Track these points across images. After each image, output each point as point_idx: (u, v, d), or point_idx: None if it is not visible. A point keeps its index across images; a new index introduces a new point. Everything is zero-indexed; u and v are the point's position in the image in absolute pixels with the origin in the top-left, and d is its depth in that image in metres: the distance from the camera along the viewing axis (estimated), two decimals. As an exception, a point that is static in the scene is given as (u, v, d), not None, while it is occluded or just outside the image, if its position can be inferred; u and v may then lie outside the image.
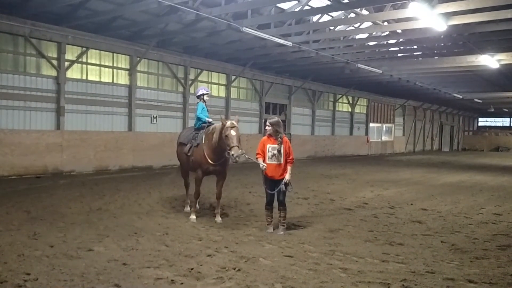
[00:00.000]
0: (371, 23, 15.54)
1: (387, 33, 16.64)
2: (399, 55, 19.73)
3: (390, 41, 17.67)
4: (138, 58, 16.21)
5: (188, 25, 15.32)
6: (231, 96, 20.65)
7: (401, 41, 17.43)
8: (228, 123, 6.98)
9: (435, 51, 18.82)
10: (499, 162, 28.18)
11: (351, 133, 30.52)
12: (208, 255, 5.41)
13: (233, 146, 6.78)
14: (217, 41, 16.72)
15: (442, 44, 17.10)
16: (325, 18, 15.76)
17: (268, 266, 5.07)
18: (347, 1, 13.38)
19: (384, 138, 34.85)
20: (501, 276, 4.90)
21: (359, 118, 31.53)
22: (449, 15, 12.28)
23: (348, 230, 7.13)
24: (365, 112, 32.35)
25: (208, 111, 8.28)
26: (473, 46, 16.50)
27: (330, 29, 16.30)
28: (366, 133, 32.09)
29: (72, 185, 11.43)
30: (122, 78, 16.11)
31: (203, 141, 7.52)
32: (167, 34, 15.84)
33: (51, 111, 13.96)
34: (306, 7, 14.52)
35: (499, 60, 18.16)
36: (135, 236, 6.26)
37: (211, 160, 7.36)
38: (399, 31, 15.74)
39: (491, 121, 56.63)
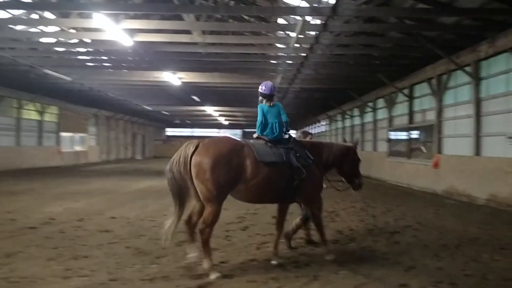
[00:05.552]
0: (59, 28, 14.81)
1: (76, 40, 16.21)
2: (89, 64, 19.48)
3: (80, 49, 17.28)
4: None
5: None
6: None
7: (90, 51, 17.30)
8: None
9: (124, 64, 19.62)
10: (183, 167, 31.82)
11: (40, 143, 28.04)
12: None
13: (360, 174, 6.50)
14: None
15: (131, 58, 17.98)
16: (4, 15, 13.92)
17: None
18: (31, 0, 12.27)
19: (78, 148, 33.71)
20: (175, 270, 5.54)
21: (50, 127, 29.36)
22: (134, 31, 13.08)
23: (29, 251, 6.48)
24: (56, 120, 30.36)
25: None
26: (158, 63, 18.08)
27: (10, 28, 14.51)
28: (58, 143, 30.21)
29: None
30: None
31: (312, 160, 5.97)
32: None
33: None
34: (-23, -2, 12.46)
35: (180, 78, 20.63)
36: None
37: None
38: (87, 40, 15.61)
39: (178, 131, 63.42)
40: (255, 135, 6.14)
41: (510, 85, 11.84)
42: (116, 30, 11.96)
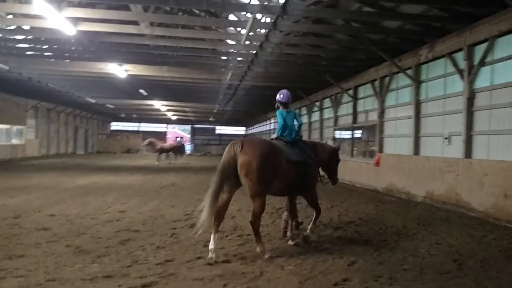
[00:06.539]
0: (-7, 13, 13.83)
1: (13, 27, 15.23)
2: (28, 53, 18.40)
3: (18, 37, 16.25)
4: None
5: None
6: None
7: (30, 39, 16.32)
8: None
9: (67, 54, 18.69)
10: (129, 163, 30.99)
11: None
12: None
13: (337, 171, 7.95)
14: None
15: (74, 48, 17.15)
16: None
17: None
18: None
19: (15, 141, 31.77)
20: (118, 269, 5.36)
21: (-18, 118, 27.50)
22: (78, 20, 12.47)
23: (-43, 251, 6.03)
24: (-11, 111, 28.41)
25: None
26: (102, 54, 17.38)
27: None
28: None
29: None
30: None
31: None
32: None
33: None
34: None
35: (126, 70, 19.97)
36: None
37: None
38: (26, 27, 14.72)
39: (123, 125, 61.50)
40: (274, 136, 6.97)
41: (447, 89, 12.55)
42: (58, 18, 11.33)
